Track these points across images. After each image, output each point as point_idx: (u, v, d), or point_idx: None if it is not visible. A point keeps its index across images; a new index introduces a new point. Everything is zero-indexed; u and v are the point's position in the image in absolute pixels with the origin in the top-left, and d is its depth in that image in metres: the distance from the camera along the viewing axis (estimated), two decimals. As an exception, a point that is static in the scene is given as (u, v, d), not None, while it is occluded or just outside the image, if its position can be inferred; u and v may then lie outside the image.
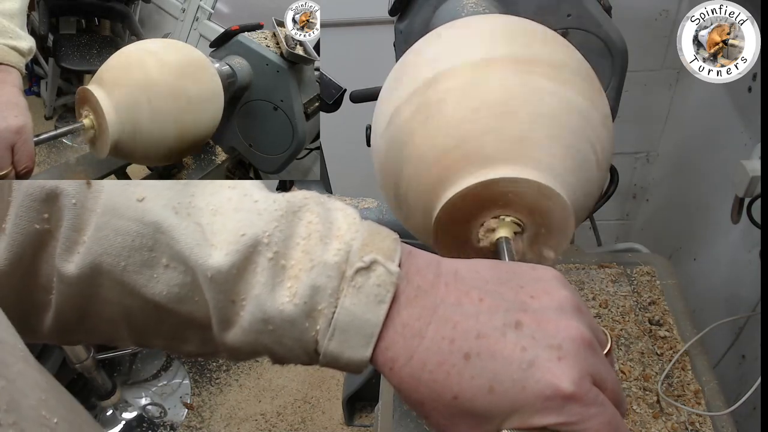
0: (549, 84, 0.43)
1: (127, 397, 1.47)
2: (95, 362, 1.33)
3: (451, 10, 0.63)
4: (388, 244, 0.30)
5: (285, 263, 0.30)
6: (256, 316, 0.29)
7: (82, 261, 0.29)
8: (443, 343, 0.29)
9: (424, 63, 0.46)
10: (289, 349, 0.30)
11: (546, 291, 0.31)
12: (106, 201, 0.30)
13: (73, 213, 0.29)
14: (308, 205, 0.31)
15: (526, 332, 0.29)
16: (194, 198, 0.31)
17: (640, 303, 0.82)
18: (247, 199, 0.31)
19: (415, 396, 0.30)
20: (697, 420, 0.68)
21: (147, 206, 0.30)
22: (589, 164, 0.44)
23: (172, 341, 0.33)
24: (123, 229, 0.29)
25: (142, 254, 0.29)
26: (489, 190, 0.41)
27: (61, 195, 0.30)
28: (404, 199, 0.47)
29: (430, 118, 0.43)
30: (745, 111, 0.97)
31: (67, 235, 0.30)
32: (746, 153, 0.82)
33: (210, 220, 0.30)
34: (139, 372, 1.54)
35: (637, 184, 1.43)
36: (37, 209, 0.29)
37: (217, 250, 0.29)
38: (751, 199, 0.79)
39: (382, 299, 0.29)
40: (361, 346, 0.29)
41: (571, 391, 0.27)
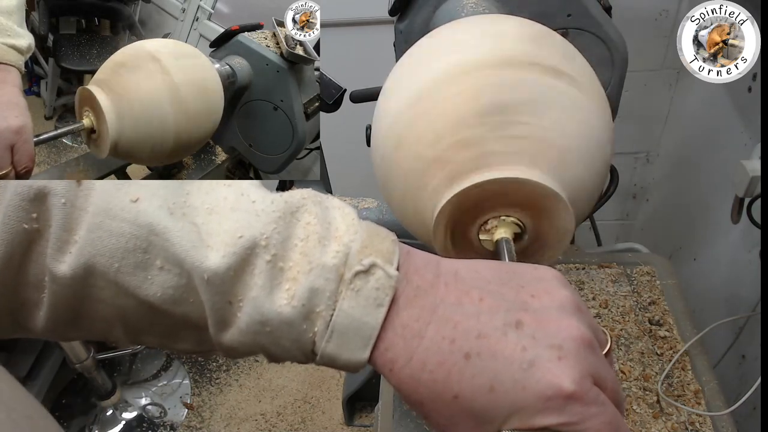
0: (551, 84, 0.43)
1: (127, 397, 1.47)
2: (95, 362, 1.33)
3: (451, 10, 0.63)
4: (387, 246, 0.30)
5: (283, 265, 0.30)
6: (254, 317, 0.29)
7: (76, 262, 0.29)
8: (443, 343, 0.29)
9: (426, 63, 0.46)
10: (286, 349, 0.30)
11: (546, 291, 0.31)
12: (99, 201, 0.29)
13: (62, 213, 0.29)
14: (306, 205, 0.31)
15: (527, 332, 0.29)
16: (189, 196, 0.30)
17: (640, 303, 0.82)
18: (244, 199, 0.31)
19: (415, 396, 0.29)
20: (697, 420, 0.68)
21: (141, 207, 0.29)
22: (589, 164, 0.44)
23: (166, 340, 0.33)
24: (116, 231, 0.29)
25: (136, 256, 0.29)
26: (489, 191, 0.41)
27: (50, 194, 0.29)
28: (404, 200, 0.47)
29: (431, 118, 0.43)
30: (745, 111, 0.97)
31: (58, 234, 0.29)
32: (746, 153, 0.82)
33: (205, 220, 0.30)
34: (139, 372, 1.54)
35: (637, 184, 1.43)
36: (26, 208, 0.29)
37: (214, 252, 0.29)
38: (751, 199, 0.79)
39: (380, 303, 0.29)
40: (359, 349, 0.29)
41: (572, 390, 0.27)
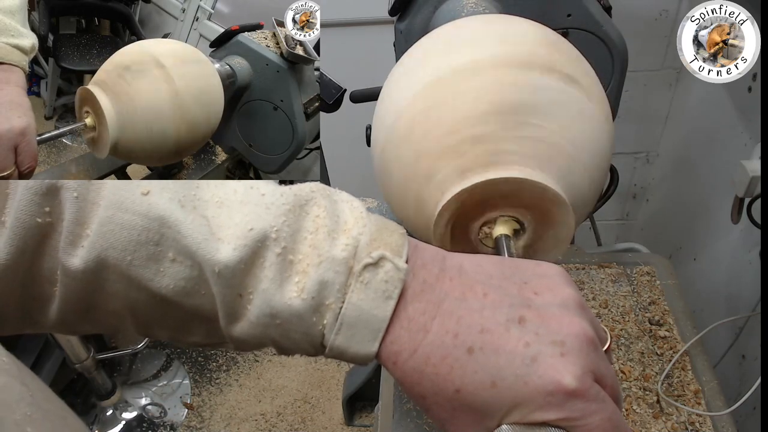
0: (566, 91, 0.43)
1: (127, 397, 1.47)
2: (95, 362, 1.33)
3: (451, 10, 0.63)
4: (396, 239, 0.31)
5: (293, 258, 0.30)
6: (264, 310, 0.30)
7: (88, 255, 0.29)
8: (447, 337, 0.29)
9: (426, 63, 0.46)
10: (296, 342, 0.31)
11: (549, 288, 0.31)
12: (110, 194, 0.30)
13: (75, 206, 0.29)
14: (315, 198, 0.31)
15: (530, 328, 0.29)
16: (199, 190, 0.31)
17: (640, 303, 0.82)
18: (253, 192, 0.31)
19: (418, 389, 0.30)
20: (697, 420, 0.68)
21: (152, 200, 0.29)
22: (589, 164, 0.44)
23: (177, 333, 0.33)
24: (128, 224, 0.29)
25: (148, 249, 0.29)
26: (489, 190, 0.41)
27: (62, 188, 0.30)
28: (404, 199, 0.47)
29: (432, 118, 0.43)
30: (745, 111, 0.97)
31: (70, 228, 0.29)
32: (746, 153, 0.82)
33: (215, 212, 0.30)
34: (139, 372, 1.54)
35: (637, 184, 1.43)
36: (38, 203, 0.29)
37: (225, 245, 0.29)
38: (751, 199, 0.79)
39: (389, 295, 0.29)
40: (368, 341, 0.29)
41: (574, 387, 0.28)
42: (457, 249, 0.45)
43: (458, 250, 0.45)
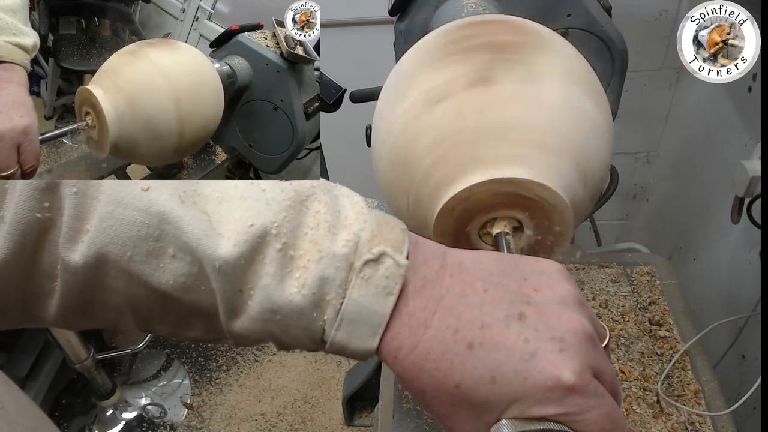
0: (553, 86, 0.43)
1: (127, 397, 1.46)
2: (95, 362, 1.33)
3: (451, 10, 0.63)
4: (396, 235, 0.31)
5: (293, 254, 0.30)
6: (264, 306, 0.30)
7: (88, 250, 0.29)
8: (447, 333, 0.29)
9: (427, 63, 0.46)
10: (296, 338, 0.31)
11: (549, 284, 0.31)
12: (110, 190, 0.30)
13: (74, 201, 0.29)
14: (316, 194, 0.31)
15: (529, 324, 0.29)
16: (199, 185, 0.31)
17: (640, 303, 0.82)
18: (254, 188, 0.31)
19: (418, 385, 0.30)
20: (697, 420, 0.68)
21: (152, 196, 0.29)
22: (589, 164, 0.44)
23: (176, 328, 0.33)
24: (128, 220, 0.29)
25: (149, 244, 0.29)
26: (489, 190, 0.41)
27: (62, 184, 0.30)
28: (404, 199, 0.47)
29: (432, 119, 0.43)
30: (745, 111, 0.97)
31: (70, 223, 0.29)
32: (746, 153, 0.82)
33: (216, 208, 0.30)
34: (139, 372, 1.54)
35: (637, 184, 1.43)
36: (38, 198, 0.29)
37: (225, 240, 0.29)
38: (751, 199, 0.79)
39: (390, 291, 0.29)
40: (369, 337, 0.30)
41: (573, 382, 0.28)
42: (456, 247, 0.45)
43: (457, 248, 0.45)
